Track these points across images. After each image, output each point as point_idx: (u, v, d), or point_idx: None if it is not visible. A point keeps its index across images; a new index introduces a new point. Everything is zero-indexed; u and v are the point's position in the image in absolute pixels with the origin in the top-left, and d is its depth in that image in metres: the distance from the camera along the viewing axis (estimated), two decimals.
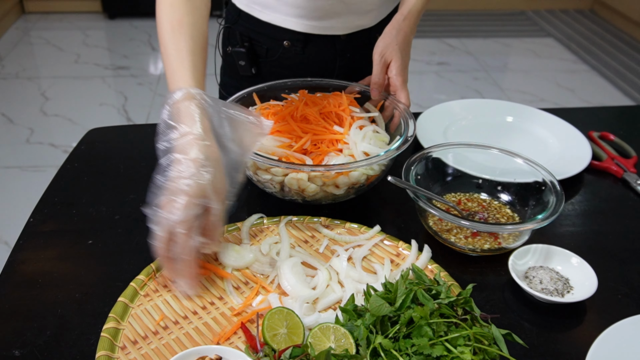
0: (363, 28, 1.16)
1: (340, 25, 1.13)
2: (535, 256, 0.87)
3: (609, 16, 4.50)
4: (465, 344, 0.67)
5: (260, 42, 1.17)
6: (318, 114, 1.00)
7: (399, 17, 1.05)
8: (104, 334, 0.72)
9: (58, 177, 1.06)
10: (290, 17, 1.11)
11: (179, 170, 0.76)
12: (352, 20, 1.14)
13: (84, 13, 4.34)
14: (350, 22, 1.14)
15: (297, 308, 0.76)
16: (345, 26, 1.14)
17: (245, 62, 1.18)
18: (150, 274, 0.82)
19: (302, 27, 1.12)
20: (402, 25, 1.04)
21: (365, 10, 1.14)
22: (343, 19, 1.12)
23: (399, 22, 1.05)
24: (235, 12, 1.18)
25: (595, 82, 3.61)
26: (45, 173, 2.60)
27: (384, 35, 1.04)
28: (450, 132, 1.23)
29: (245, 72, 1.20)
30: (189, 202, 0.74)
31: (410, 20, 1.06)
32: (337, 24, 1.13)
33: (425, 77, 3.61)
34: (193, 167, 0.76)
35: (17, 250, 0.89)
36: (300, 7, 1.09)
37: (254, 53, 1.19)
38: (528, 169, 0.96)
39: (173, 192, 0.75)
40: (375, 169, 0.95)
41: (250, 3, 1.14)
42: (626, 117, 1.41)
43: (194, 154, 0.76)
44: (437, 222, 0.94)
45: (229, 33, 1.20)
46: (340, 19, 1.12)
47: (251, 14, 1.15)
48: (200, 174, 0.75)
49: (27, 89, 3.31)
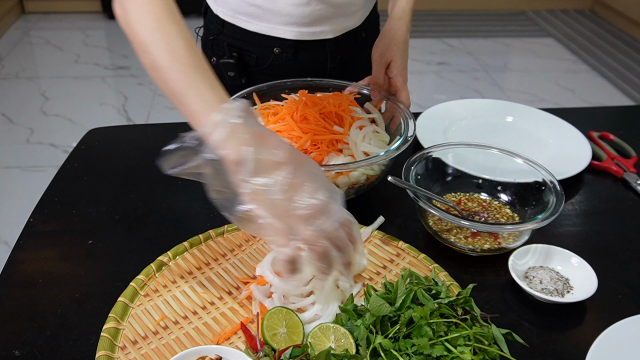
0: (350, 29, 1.16)
1: (330, 29, 1.13)
2: (535, 256, 0.87)
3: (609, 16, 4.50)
4: (465, 344, 0.67)
5: (249, 52, 1.15)
6: (318, 114, 0.99)
7: (395, 18, 1.06)
8: (104, 334, 0.72)
9: (58, 177, 1.06)
10: (279, 25, 1.10)
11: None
12: (341, 22, 1.13)
13: (84, 13, 4.34)
14: (339, 24, 1.13)
15: (276, 299, 0.76)
16: (335, 29, 1.14)
17: (234, 72, 1.15)
18: (150, 274, 0.82)
19: (293, 35, 1.11)
20: (398, 25, 1.05)
21: (352, 12, 1.14)
22: (332, 23, 1.12)
23: (395, 23, 1.05)
24: (217, 22, 1.14)
25: (595, 82, 3.60)
26: (45, 173, 2.60)
27: (382, 36, 1.05)
28: (450, 132, 1.23)
29: (234, 82, 1.17)
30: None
31: (405, 19, 1.06)
32: (326, 28, 1.12)
33: (425, 77, 3.61)
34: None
35: (17, 250, 0.89)
36: (289, 14, 1.07)
37: (243, 63, 1.16)
38: (528, 169, 0.96)
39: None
40: (375, 169, 0.95)
41: (235, 14, 1.11)
42: (626, 117, 1.41)
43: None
44: (437, 222, 0.94)
45: (212, 44, 1.17)
46: (329, 23, 1.12)
47: (236, 24, 1.12)
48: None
49: (27, 89, 3.31)
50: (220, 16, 1.14)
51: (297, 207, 0.66)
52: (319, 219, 0.66)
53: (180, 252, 0.86)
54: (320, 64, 1.18)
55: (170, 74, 0.70)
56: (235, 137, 0.66)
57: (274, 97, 1.09)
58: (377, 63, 1.04)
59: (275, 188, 0.65)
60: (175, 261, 0.85)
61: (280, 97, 1.09)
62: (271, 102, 1.08)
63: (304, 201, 0.66)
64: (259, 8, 1.08)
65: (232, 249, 0.88)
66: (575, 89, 3.50)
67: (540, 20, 4.54)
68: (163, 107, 3.17)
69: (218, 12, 1.14)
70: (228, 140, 0.66)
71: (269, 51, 1.14)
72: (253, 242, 0.89)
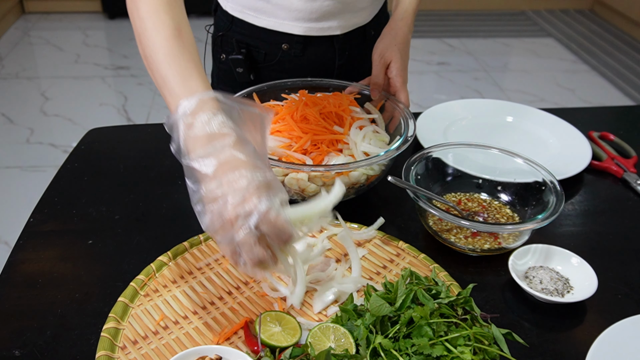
0: (358, 25, 1.17)
1: (338, 25, 1.13)
2: (535, 256, 0.87)
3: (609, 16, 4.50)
4: (465, 343, 0.67)
5: (258, 47, 1.16)
6: (318, 114, 0.99)
7: (397, 18, 1.06)
8: (104, 334, 0.72)
9: (58, 177, 1.06)
10: (287, 20, 1.10)
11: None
12: (349, 18, 1.14)
13: (84, 13, 4.34)
14: (347, 20, 1.14)
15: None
16: (343, 25, 1.14)
17: (243, 69, 1.16)
18: (150, 274, 0.82)
19: (300, 30, 1.12)
20: (399, 25, 1.05)
21: (360, 8, 1.14)
22: (340, 19, 1.12)
23: (397, 23, 1.05)
24: (227, 18, 1.16)
25: (595, 82, 3.61)
26: (45, 173, 2.60)
27: (383, 36, 1.05)
28: (450, 132, 1.23)
29: (243, 79, 1.18)
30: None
31: (406, 20, 1.06)
32: (334, 23, 1.13)
33: (425, 77, 3.61)
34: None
35: (17, 250, 0.89)
36: (297, 9, 1.08)
37: (251, 59, 1.17)
38: (528, 169, 0.96)
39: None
40: (375, 169, 0.95)
41: (244, 9, 1.12)
42: (626, 117, 1.41)
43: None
44: (437, 222, 0.94)
45: (221, 40, 1.19)
46: (337, 19, 1.12)
47: (245, 19, 1.13)
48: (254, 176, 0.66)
49: (27, 89, 3.31)
50: (229, 12, 1.15)
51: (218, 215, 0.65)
52: (229, 231, 0.64)
53: (180, 252, 0.86)
54: (329, 61, 1.18)
55: (151, 64, 0.73)
56: (184, 133, 0.68)
57: (274, 97, 1.09)
58: (377, 63, 1.04)
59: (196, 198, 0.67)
60: (175, 261, 0.85)
61: (281, 97, 1.09)
62: (271, 102, 1.08)
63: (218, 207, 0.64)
64: (267, 3, 1.09)
65: None
66: (575, 89, 3.51)
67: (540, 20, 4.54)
68: (163, 107, 3.17)
69: (227, 7, 1.15)
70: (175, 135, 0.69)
71: (277, 47, 1.15)
72: None
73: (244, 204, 0.63)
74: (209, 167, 0.65)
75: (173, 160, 1.10)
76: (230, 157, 0.66)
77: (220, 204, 0.64)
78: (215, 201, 0.64)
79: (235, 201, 0.63)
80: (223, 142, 0.66)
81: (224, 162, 0.65)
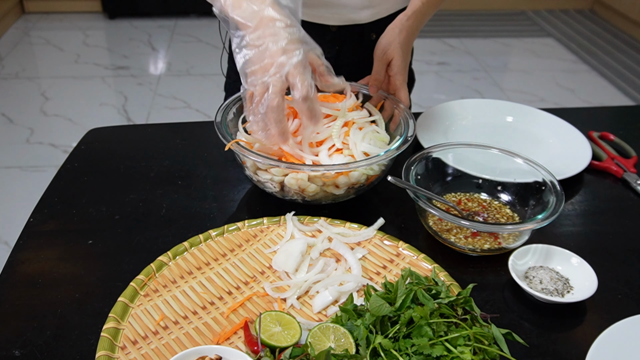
0: (356, 23, 1.16)
1: (331, 16, 1.13)
2: (535, 256, 0.87)
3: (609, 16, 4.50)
4: (465, 343, 0.67)
5: None
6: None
7: (403, 17, 1.05)
8: (104, 334, 0.72)
9: (58, 177, 1.07)
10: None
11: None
12: (345, 13, 1.13)
13: (84, 13, 4.34)
14: (343, 14, 1.14)
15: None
16: (336, 17, 1.14)
17: None
18: (150, 274, 0.82)
19: None
20: (405, 24, 1.04)
21: (359, 6, 1.13)
22: (333, 10, 1.12)
23: (402, 22, 1.04)
24: None
25: (595, 82, 3.61)
26: (45, 173, 2.60)
27: (387, 33, 1.04)
28: (450, 132, 1.23)
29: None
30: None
31: (413, 20, 1.05)
32: (326, 13, 1.13)
33: (425, 77, 3.61)
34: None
35: (17, 250, 0.89)
36: None
37: None
38: (528, 169, 0.96)
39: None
40: (375, 169, 0.95)
41: None
42: (626, 117, 1.41)
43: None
44: (437, 222, 0.94)
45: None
46: (330, 10, 1.12)
47: None
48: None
49: (27, 89, 3.31)
50: None
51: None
52: (263, 73, 0.81)
53: (180, 252, 0.86)
54: None
55: None
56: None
57: None
58: (378, 59, 1.03)
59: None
60: (175, 261, 0.85)
61: None
62: None
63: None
64: None
65: (232, 249, 0.88)
66: (575, 89, 3.51)
67: (540, 20, 4.54)
68: (163, 107, 3.17)
69: None
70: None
71: None
72: (253, 242, 0.89)
73: (282, 54, 0.80)
74: (251, 21, 0.82)
75: (173, 160, 1.11)
76: (269, 14, 0.81)
77: (262, 50, 0.81)
78: (257, 47, 0.81)
79: (275, 49, 0.80)
80: (263, 3, 0.82)
81: (265, 17, 0.81)
